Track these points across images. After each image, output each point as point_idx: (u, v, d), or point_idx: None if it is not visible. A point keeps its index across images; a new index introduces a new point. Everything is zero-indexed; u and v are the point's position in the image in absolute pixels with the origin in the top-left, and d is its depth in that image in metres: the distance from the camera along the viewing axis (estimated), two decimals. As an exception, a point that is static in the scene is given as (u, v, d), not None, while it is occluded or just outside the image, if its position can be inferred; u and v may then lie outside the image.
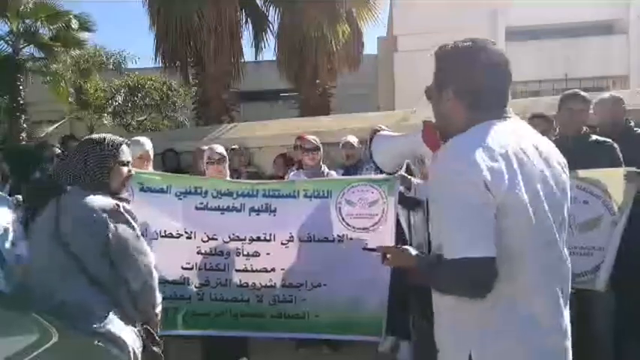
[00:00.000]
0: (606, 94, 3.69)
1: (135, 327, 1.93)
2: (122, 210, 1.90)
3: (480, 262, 1.22)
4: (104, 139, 2.01)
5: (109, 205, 1.88)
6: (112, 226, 1.85)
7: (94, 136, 2.05)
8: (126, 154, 2.05)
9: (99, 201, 1.87)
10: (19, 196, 2.86)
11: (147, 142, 3.55)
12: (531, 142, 1.41)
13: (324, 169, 3.86)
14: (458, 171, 1.29)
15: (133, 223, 1.93)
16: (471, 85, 1.40)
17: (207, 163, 3.46)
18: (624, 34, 17.30)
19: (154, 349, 2.01)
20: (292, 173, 4.00)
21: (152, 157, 3.59)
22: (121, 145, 2.03)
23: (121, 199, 1.98)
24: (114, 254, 1.87)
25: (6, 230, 2.66)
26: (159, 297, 2.05)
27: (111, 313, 1.83)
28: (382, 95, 18.17)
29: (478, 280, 1.25)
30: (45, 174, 4.28)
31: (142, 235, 2.14)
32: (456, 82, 1.42)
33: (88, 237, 1.83)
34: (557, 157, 1.47)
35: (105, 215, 1.85)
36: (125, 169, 2.04)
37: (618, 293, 3.09)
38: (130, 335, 1.87)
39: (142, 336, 1.94)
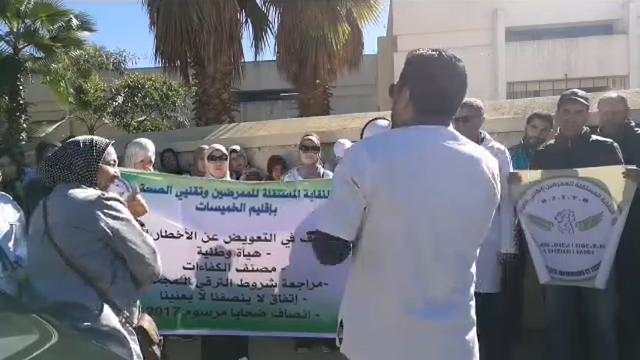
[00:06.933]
0: (612, 93, 3.69)
1: (131, 325, 1.91)
2: (107, 199, 1.90)
3: (331, 238, 1.48)
4: (92, 140, 2.03)
5: (93, 196, 1.88)
6: (100, 216, 1.84)
7: (80, 138, 2.06)
8: (112, 154, 2.08)
9: (83, 194, 1.88)
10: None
11: (150, 146, 3.51)
12: (441, 153, 1.48)
13: (320, 169, 3.87)
14: (340, 165, 1.55)
15: (122, 209, 1.93)
16: (425, 90, 1.53)
17: (208, 159, 3.48)
18: (624, 34, 17.33)
19: (153, 348, 2.00)
20: (287, 174, 4.01)
21: (154, 160, 3.57)
22: (107, 146, 2.05)
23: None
24: (106, 243, 1.87)
25: (9, 230, 2.65)
26: (157, 267, 2.03)
27: (106, 309, 1.83)
28: (382, 95, 18.17)
29: (326, 251, 1.53)
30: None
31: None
32: (413, 85, 1.55)
33: (76, 231, 1.83)
34: (480, 172, 1.52)
35: (91, 207, 1.85)
36: (111, 170, 2.07)
37: (622, 292, 3.09)
38: (127, 332, 1.86)
39: (134, 333, 1.91)
